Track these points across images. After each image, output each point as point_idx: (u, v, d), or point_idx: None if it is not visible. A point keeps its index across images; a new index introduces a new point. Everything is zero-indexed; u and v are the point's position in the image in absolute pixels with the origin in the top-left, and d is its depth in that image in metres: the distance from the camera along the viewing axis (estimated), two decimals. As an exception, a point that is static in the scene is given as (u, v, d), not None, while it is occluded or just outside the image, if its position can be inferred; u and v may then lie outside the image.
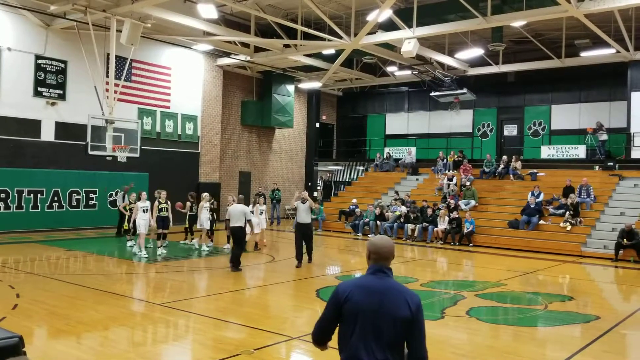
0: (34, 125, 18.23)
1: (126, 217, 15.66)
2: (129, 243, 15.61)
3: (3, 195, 17.43)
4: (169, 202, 14.64)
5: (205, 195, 15.74)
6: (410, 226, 19.70)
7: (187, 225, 16.20)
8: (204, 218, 15.37)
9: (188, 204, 16.07)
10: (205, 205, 15.38)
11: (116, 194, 20.01)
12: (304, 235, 13.09)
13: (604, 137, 21.23)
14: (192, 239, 16.19)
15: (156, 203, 14.42)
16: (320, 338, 3.21)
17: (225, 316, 8.37)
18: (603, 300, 11.39)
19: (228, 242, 15.37)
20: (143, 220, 14.07)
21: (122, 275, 12.04)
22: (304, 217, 13.01)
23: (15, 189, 17.67)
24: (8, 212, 17.52)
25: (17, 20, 17.86)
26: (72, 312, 8.24)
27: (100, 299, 9.24)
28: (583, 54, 21.13)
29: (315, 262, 14.44)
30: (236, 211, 12.40)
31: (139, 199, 14.48)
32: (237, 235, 12.36)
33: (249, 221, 12.40)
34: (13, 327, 5.25)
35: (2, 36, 17.50)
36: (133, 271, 12.39)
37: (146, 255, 13.67)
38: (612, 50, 19.66)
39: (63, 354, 6.39)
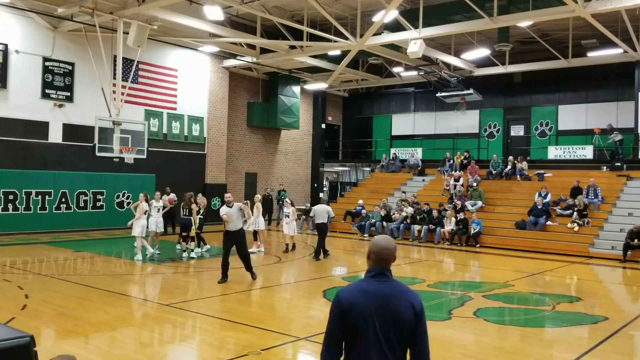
0: (41, 127, 18.35)
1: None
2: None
3: (11, 197, 17.53)
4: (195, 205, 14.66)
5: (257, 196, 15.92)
6: (416, 227, 19.67)
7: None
8: (261, 221, 15.40)
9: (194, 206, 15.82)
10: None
11: (124, 195, 20.12)
12: (234, 245, 11.00)
13: (619, 137, 21.03)
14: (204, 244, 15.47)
15: (195, 207, 14.29)
16: (332, 355, 2.95)
17: (232, 317, 8.39)
18: (611, 301, 11.33)
19: (199, 245, 14.85)
20: (153, 218, 14.04)
21: (129, 276, 12.09)
22: (235, 223, 10.98)
23: (24, 190, 17.77)
24: (16, 213, 17.62)
25: (25, 23, 17.98)
26: (81, 312, 8.28)
27: (108, 299, 9.29)
28: (590, 54, 21.04)
29: (321, 262, 14.42)
30: (322, 210, 14.25)
31: (146, 199, 14.24)
32: (322, 231, 14.38)
33: (332, 218, 14.08)
34: (22, 328, 5.27)
35: (10, 39, 17.63)
36: (140, 272, 12.44)
37: (158, 253, 13.66)
38: (619, 50, 19.56)
39: (70, 355, 6.41)
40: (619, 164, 20.36)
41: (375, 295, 2.91)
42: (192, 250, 14.22)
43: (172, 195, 18.00)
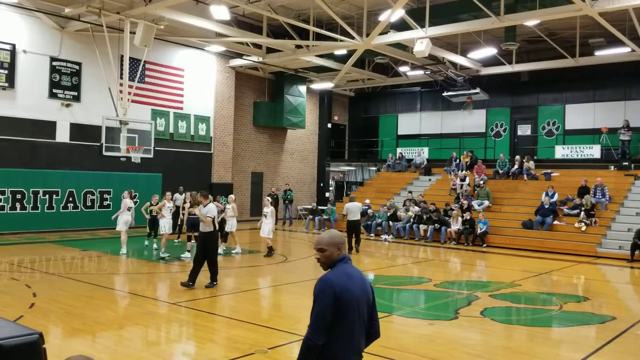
0: (49, 127, 18.44)
1: (148, 220, 15.69)
2: (145, 242, 15.76)
3: (19, 196, 17.63)
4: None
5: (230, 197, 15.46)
6: (422, 227, 19.62)
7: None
8: (234, 222, 14.83)
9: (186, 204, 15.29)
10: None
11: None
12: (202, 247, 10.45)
13: (627, 137, 20.87)
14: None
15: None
16: (324, 338, 3.04)
17: (239, 315, 8.41)
18: (619, 301, 11.27)
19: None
20: (166, 220, 14.25)
21: (136, 274, 12.14)
22: (203, 225, 10.47)
23: (31, 189, 17.87)
24: (24, 212, 17.72)
25: (32, 23, 18.07)
26: (88, 311, 8.32)
27: (115, 298, 9.33)
28: (597, 53, 20.92)
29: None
30: (354, 207, 14.87)
31: (130, 197, 14.51)
32: (355, 226, 15.15)
33: (363, 215, 14.78)
34: (30, 326, 5.28)
35: (18, 39, 17.72)
36: (147, 271, 12.48)
37: (168, 255, 13.83)
38: (627, 49, 19.44)
39: (79, 353, 6.44)
40: (626, 163, 20.25)
41: (357, 278, 3.24)
42: None
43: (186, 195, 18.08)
